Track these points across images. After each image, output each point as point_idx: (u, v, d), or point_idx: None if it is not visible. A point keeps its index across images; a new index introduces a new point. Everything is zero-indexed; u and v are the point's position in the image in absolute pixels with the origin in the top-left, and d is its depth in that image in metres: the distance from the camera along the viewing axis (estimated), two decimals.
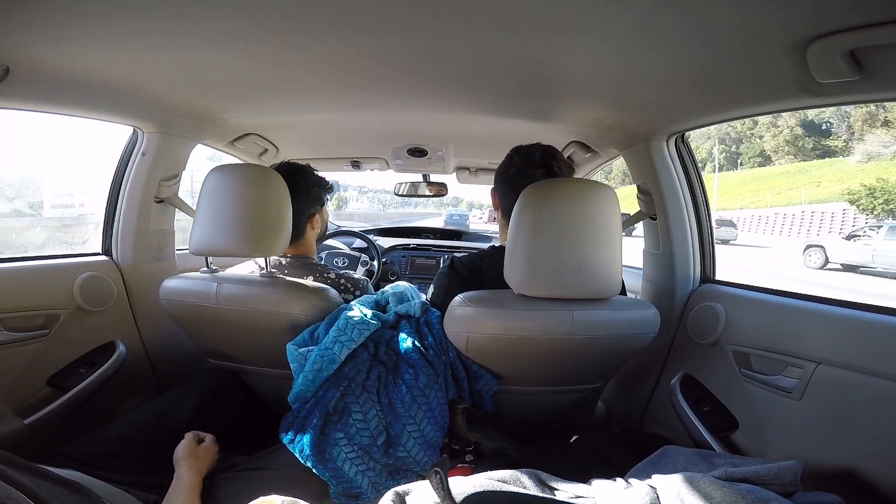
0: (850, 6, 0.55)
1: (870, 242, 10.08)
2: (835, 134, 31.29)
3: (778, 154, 34.72)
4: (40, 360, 1.07)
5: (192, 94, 1.07)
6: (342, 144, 1.75)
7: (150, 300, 1.24)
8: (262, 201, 0.94)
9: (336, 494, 0.81)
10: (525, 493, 0.45)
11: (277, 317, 0.94)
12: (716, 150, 36.55)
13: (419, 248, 2.29)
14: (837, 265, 10.38)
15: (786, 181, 26.05)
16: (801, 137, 34.15)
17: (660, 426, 1.15)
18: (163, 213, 1.33)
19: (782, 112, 0.93)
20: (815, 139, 33.42)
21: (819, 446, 0.80)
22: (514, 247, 0.84)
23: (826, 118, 32.49)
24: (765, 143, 35.52)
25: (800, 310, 0.90)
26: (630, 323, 0.89)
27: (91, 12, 0.66)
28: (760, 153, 36.27)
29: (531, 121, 1.21)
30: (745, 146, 38.05)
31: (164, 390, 1.34)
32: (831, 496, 0.48)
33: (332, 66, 0.88)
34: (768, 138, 35.49)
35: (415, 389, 0.85)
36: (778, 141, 34.66)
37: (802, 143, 34.01)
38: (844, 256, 10.31)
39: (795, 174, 26.84)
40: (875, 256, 9.77)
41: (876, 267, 9.65)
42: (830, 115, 31.63)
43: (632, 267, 1.46)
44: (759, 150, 36.32)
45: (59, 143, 7.08)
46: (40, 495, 0.45)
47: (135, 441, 0.86)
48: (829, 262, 10.66)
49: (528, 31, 0.69)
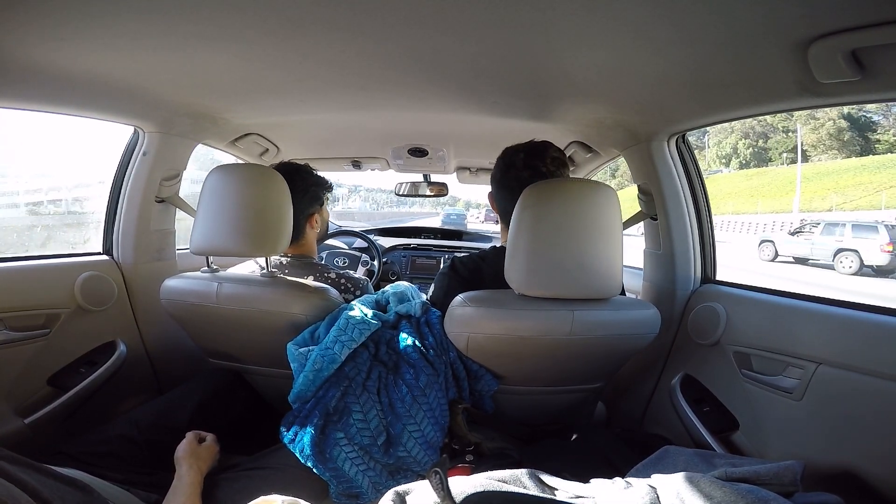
0: (851, 6, 0.55)
1: (810, 237, 11.40)
2: (883, 128, 28.42)
3: (818, 149, 32.17)
4: (41, 360, 1.07)
5: (193, 93, 1.07)
6: (343, 144, 1.75)
7: (150, 300, 1.25)
8: (262, 201, 0.94)
9: (336, 494, 0.81)
10: (525, 494, 0.45)
11: (278, 316, 0.94)
12: (799, 137, 33.06)
13: (420, 248, 2.29)
14: (789, 258, 11.90)
15: (851, 179, 23.50)
16: (845, 131, 31.34)
17: (660, 426, 1.15)
18: (164, 213, 1.33)
19: (782, 112, 0.93)
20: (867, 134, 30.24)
21: (819, 446, 0.80)
22: (515, 247, 0.84)
23: (875, 111, 29.85)
24: (804, 138, 33.14)
25: (800, 310, 0.90)
26: (630, 323, 0.89)
27: (91, 12, 0.66)
28: (794, 148, 33.62)
29: (531, 121, 1.21)
30: (773, 140, 35.94)
31: (164, 390, 1.34)
32: (831, 496, 0.48)
33: (332, 67, 0.88)
34: (807, 132, 33.11)
35: (415, 389, 0.85)
36: (819, 135, 32.05)
37: (847, 136, 30.96)
38: (791, 250, 11.81)
39: (865, 171, 24.05)
40: (813, 249, 11.16)
41: (818, 259, 11.04)
42: (879, 106, 28.68)
43: (632, 267, 1.46)
44: (791, 145, 34.02)
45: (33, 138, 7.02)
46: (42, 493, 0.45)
47: (136, 440, 0.86)
48: (778, 254, 12.28)
49: (529, 31, 0.69)
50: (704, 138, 41.06)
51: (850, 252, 10.17)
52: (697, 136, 38.93)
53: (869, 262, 9.95)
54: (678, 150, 1.18)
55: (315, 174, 1.21)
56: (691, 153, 1.21)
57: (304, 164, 1.21)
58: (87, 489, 0.55)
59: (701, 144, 41.10)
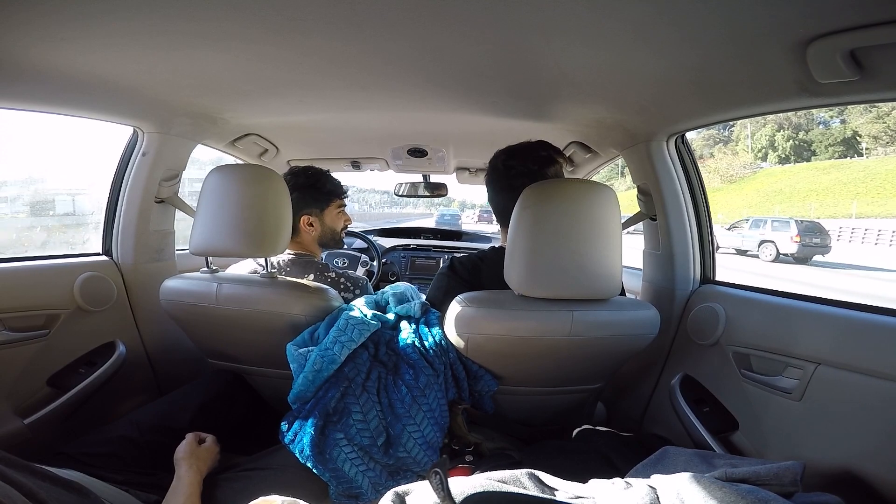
0: (849, 6, 0.55)
1: (741, 232, 13.67)
2: None
3: (881, 141, 28.17)
4: (40, 360, 1.07)
5: (193, 94, 1.07)
6: (342, 144, 1.75)
7: (150, 300, 1.24)
8: (262, 201, 0.94)
9: (336, 495, 0.81)
10: (525, 494, 0.45)
11: (277, 317, 0.94)
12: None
13: (419, 249, 2.29)
14: (731, 250, 13.84)
15: None
16: None
17: (660, 426, 1.15)
18: (163, 214, 1.33)
19: (782, 112, 0.93)
20: None
21: (818, 446, 0.80)
22: (514, 247, 0.84)
23: None
24: (861, 129, 29.39)
25: (799, 310, 0.90)
26: (630, 323, 0.89)
27: (91, 12, 0.66)
28: (843, 141, 30.60)
29: (531, 121, 1.22)
30: (816, 132, 32.79)
31: (164, 390, 1.34)
32: (831, 496, 0.48)
33: (332, 66, 0.88)
34: (864, 123, 29.59)
35: (415, 390, 0.85)
36: (887, 124, 28.04)
37: None
38: (730, 242, 13.83)
39: None
40: (743, 241, 13.49)
41: (749, 249, 13.29)
42: None
43: (632, 267, 1.46)
44: (839, 137, 30.95)
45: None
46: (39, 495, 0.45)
47: (137, 441, 0.86)
48: (720, 247, 13.28)
49: (528, 32, 0.69)
50: (726, 131, 38.20)
51: (769, 243, 12.68)
52: (719, 129, 36.36)
53: (784, 251, 12.36)
54: (677, 150, 1.19)
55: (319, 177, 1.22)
56: (691, 153, 1.21)
57: (319, 169, 1.22)
58: (84, 491, 0.55)
59: (725, 137, 38.42)
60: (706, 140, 39.69)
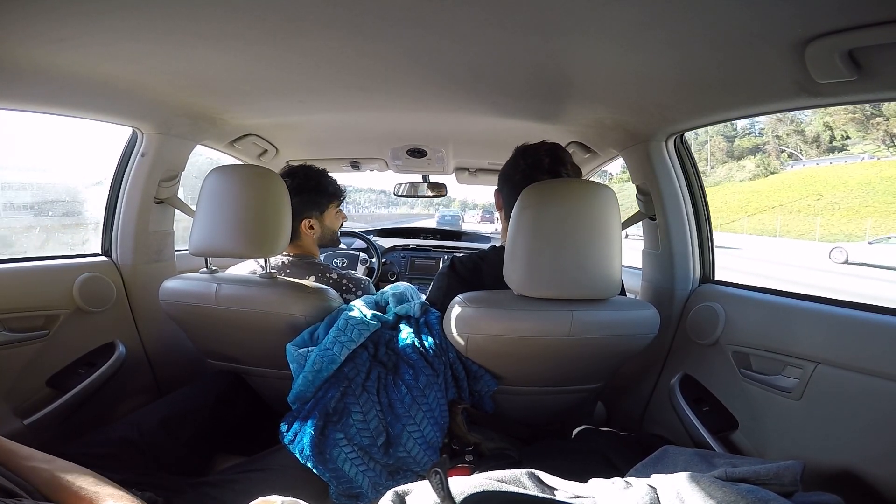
0: (848, 6, 0.55)
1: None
2: None
3: None
4: (40, 361, 1.07)
5: (192, 94, 1.07)
6: (342, 145, 1.75)
7: (149, 301, 1.24)
8: (261, 202, 0.94)
9: (336, 495, 0.81)
10: (525, 494, 0.45)
11: (277, 317, 0.94)
12: None
13: (419, 249, 2.29)
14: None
15: None
16: None
17: (660, 426, 1.15)
18: (162, 214, 1.33)
19: (780, 112, 0.93)
20: None
21: (818, 445, 0.80)
22: (514, 247, 0.84)
23: None
24: None
25: (799, 310, 0.91)
26: (630, 323, 0.89)
27: (91, 12, 0.66)
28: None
29: (531, 121, 1.22)
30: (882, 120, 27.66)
31: (163, 391, 1.34)
32: (831, 496, 0.49)
33: (331, 67, 0.88)
34: None
35: (415, 390, 0.85)
36: None
37: None
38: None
39: None
40: None
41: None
42: None
43: (631, 267, 1.46)
44: None
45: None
46: None
47: (137, 443, 0.86)
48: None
49: (528, 32, 0.69)
50: (755, 127, 35.72)
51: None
52: (745, 124, 34.05)
53: None
54: (676, 150, 1.19)
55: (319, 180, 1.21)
56: (690, 153, 1.21)
57: (316, 169, 1.22)
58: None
59: (751, 130, 35.91)
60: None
